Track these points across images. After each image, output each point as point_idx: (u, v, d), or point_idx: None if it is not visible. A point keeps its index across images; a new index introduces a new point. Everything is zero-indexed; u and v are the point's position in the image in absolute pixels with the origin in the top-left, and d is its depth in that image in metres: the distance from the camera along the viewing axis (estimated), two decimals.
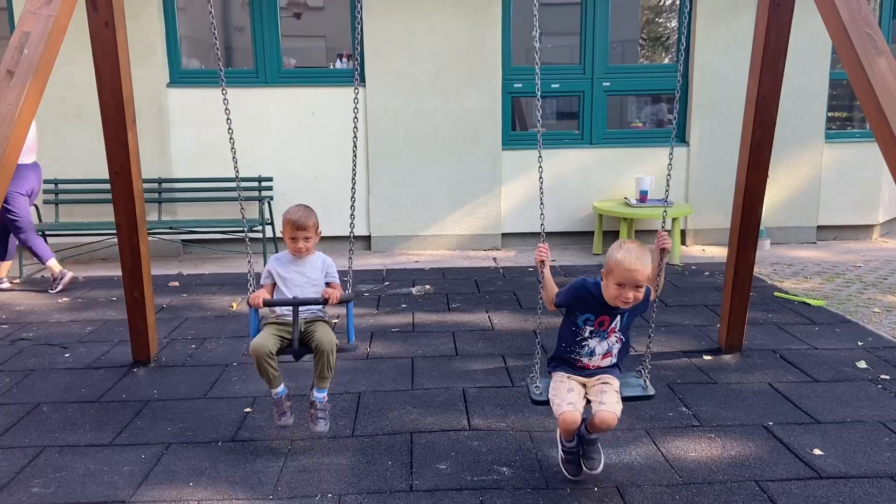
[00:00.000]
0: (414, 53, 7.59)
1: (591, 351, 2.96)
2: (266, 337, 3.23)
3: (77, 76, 6.97)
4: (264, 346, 3.19)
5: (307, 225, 3.39)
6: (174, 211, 7.69)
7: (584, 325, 2.93)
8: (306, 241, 3.39)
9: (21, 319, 5.50)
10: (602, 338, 2.94)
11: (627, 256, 2.75)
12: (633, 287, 2.76)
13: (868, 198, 8.20)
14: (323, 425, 3.37)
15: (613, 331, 2.95)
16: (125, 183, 4.13)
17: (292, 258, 3.45)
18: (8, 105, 2.67)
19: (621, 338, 2.98)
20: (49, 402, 3.96)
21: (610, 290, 2.82)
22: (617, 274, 2.77)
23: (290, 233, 3.39)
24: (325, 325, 3.37)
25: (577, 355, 2.97)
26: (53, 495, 3.01)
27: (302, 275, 3.41)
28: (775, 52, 3.86)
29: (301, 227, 3.37)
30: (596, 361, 2.97)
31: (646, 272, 2.76)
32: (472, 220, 7.94)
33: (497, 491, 3.00)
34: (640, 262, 2.74)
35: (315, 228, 3.44)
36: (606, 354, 2.97)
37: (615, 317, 2.92)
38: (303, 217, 3.39)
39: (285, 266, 3.44)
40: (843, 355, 4.53)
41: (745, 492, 2.97)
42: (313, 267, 3.45)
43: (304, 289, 3.38)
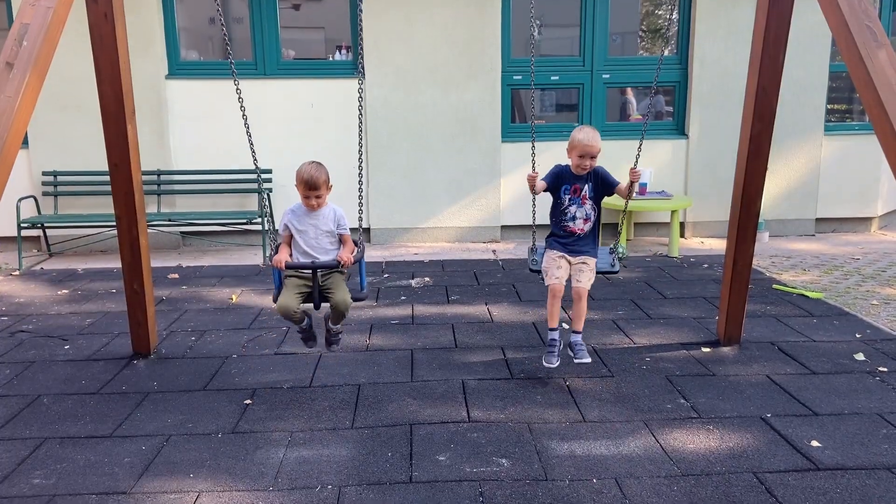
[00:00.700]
0: (413, 45, 7.58)
1: (573, 216, 3.97)
2: (290, 297, 3.64)
3: (76, 68, 6.95)
4: (290, 308, 3.63)
5: (318, 184, 3.65)
6: (173, 203, 7.68)
7: (564, 194, 3.97)
8: (318, 198, 3.68)
9: (20, 311, 5.50)
10: (578, 204, 3.96)
11: (585, 135, 3.86)
12: (590, 157, 3.87)
13: (867, 190, 8.21)
14: (336, 346, 4.02)
15: (586, 198, 3.96)
16: (125, 175, 4.12)
17: (306, 210, 3.74)
18: (7, 97, 2.67)
19: (594, 207, 3.98)
20: (49, 394, 3.97)
21: (573, 160, 3.93)
22: (578, 148, 3.88)
23: (303, 191, 3.67)
24: (340, 279, 3.76)
25: (564, 222, 4.00)
26: (55, 486, 3.03)
27: (316, 227, 3.74)
28: (775, 45, 3.86)
29: (313, 186, 3.64)
30: (580, 224, 3.98)
31: (598, 146, 3.85)
32: (471, 213, 7.94)
33: (496, 482, 3.02)
34: (594, 139, 3.84)
35: (326, 184, 3.71)
36: (586, 219, 3.98)
37: (584, 185, 3.96)
38: (314, 176, 3.64)
39: (300, 219, 3.75)
40: (841, 347, 4.55)
41: (742, 483, 2.99)
42: (326, 219, 3.76)
43: (318, 239, 3.74)
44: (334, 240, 3.80)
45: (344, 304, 3.67)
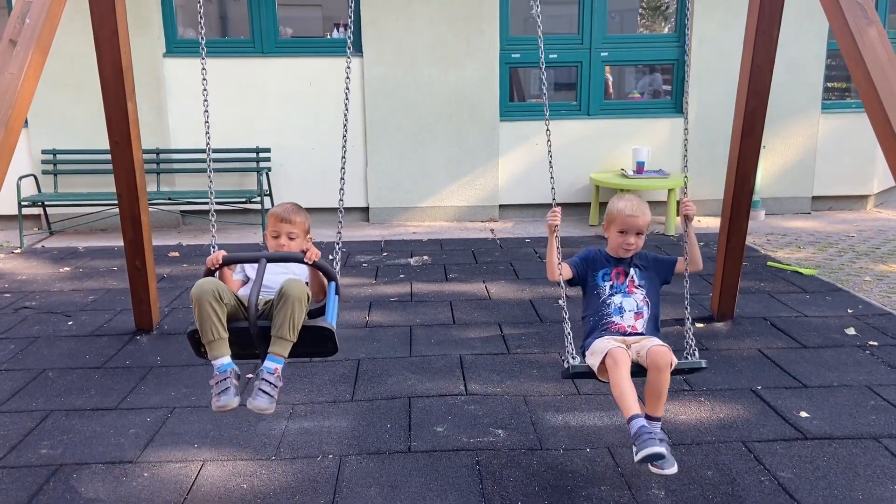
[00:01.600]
0: (411, 22, 7.57)
1: (619, 308, 2.91)
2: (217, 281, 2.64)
3: (74, 46, 6.95)
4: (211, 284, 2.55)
5: (293, 219, 2.90)
6: (172, 182, 7.72)
7: (603, 281, 2.98)
8: (290, 238, 2.91)
9: (23, 288, 5.57)
10: (624, 293, 2.94)
11: (628, 204, 2.95)
12: (634, 233, 2.94)
13: (863, 168, 8.25)
14: (263, 400, 2.54)
15: (633, 284, 2.96)
16: (125, 153, 4.16)
17: None
18: (11, 74, 2.71)
19: (646, 299, 2.95)
20: (54, 368, 4.04)
21: (613, 239, 2.99)
22: (618, 222, 2.95)
23: (272, 226, 2.93)
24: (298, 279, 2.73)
25: (608, 317, 2.91)
26: (62, 456, 3.11)
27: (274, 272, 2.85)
28: (770, 22, 3.89)
29: (286, 219, 2.90)
30: (629, 321, 2.90)
31: (645, 219, 2.94)
32: (469, 192, 7.98)
33: (492, 451, 3.10)
34: (639, 210, 2.94)
35: (303, 228, 2.96)
36: (638, 315, 2.92)
37: (629, 268, 2.98)
38: (290, 210, 2.92)
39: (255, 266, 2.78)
40: (833, 322, 4.63)
41: (731, 452, 3.08)
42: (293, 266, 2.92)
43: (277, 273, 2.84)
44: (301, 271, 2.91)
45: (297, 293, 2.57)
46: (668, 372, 2.66)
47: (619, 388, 2.63)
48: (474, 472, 2.95)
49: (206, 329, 2.55)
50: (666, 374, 2.66)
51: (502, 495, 2.78)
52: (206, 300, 2.51)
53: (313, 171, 7.69)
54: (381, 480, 2.90)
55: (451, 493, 2.80)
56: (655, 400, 2.71)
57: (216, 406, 2.55)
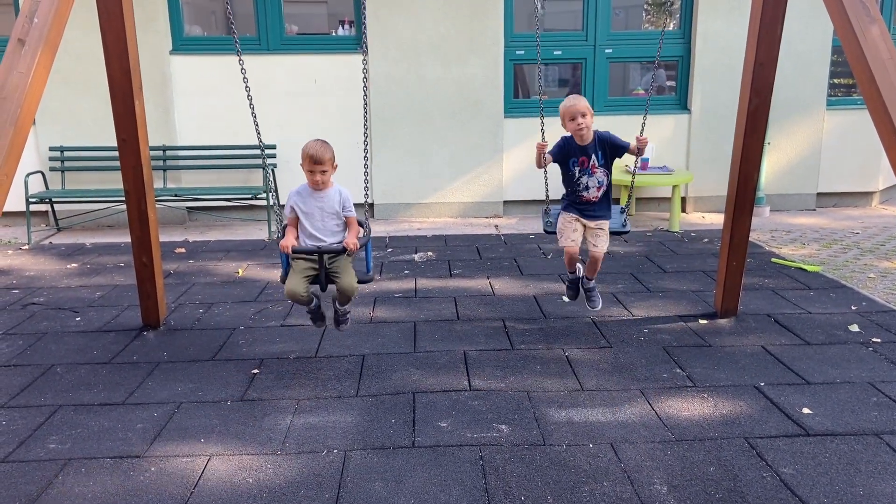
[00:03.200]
0: (416, 19, 7.59)
1: (586, 185, 4.04)
2: (297, 282, 3.65)
3: (81, 44, 6.99)
4: (297, 292, 3.65)
5: (324, 159, 3.60)
6: (179, 178, 7.76)
7: (573, 167, 4.03)
8: (323, 174, 3.63)
9: (31, 284, 5.61)
10: (589, 174, 4.03)
11: (566, 100, 3.98)
12: (580, 115, 3.91)
13: (868, 165, 8.24)
14: (345, 327, 4.06)
15: (595, 167, 4.02)
16: (133, 150, 4.20)
17: (311, 191, 3.69)
18: (20, 73, 2.74)
19: (606, 172, 4.05)
20: (62, 364, 4.08)
21: (568, 127, 3.97)
22: (566, 113, 3.95)
23: (308, 166, 3.63)
24: (347, 262, 3.74)
25: (577, 192, 4.07)
26: (70, 450, 3.14)
27: (321, 210, 3.69)
28: (773, 19, 3.89)
29: (318, 160, 3.59)
30: (593, 193, 4.06)
31: (581, 103, 3.91)
32: (473, 188, 8.00)
33: (496, 447, 3.13)
34: (575, 99, 3.94)
35: (332, 162, 3.66)
36: (599, 187, 4.05)
37: (591, 155, 4.01)
38: (320, 151, 3.60)
39: (305, 200, 3.70)
40: (837, 319, 4.63)
41: (734, 448, 3.09)
42: (331, 200, 3.71)
43: (324, 221, 3.70)
44: (340, 221, 3.75)
45: (350, 288, 3.70)
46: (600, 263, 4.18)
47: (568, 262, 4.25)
48: (478, 467, 2.98)
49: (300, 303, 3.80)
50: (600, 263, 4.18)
51: (506, 490, 2.81)
52: (297, 298, 3.70)
53: None
54: (386, 475, 2.93)
55: (454, 488, 2.82)
56: (592, 272, 4.26)
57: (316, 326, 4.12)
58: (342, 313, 3.97)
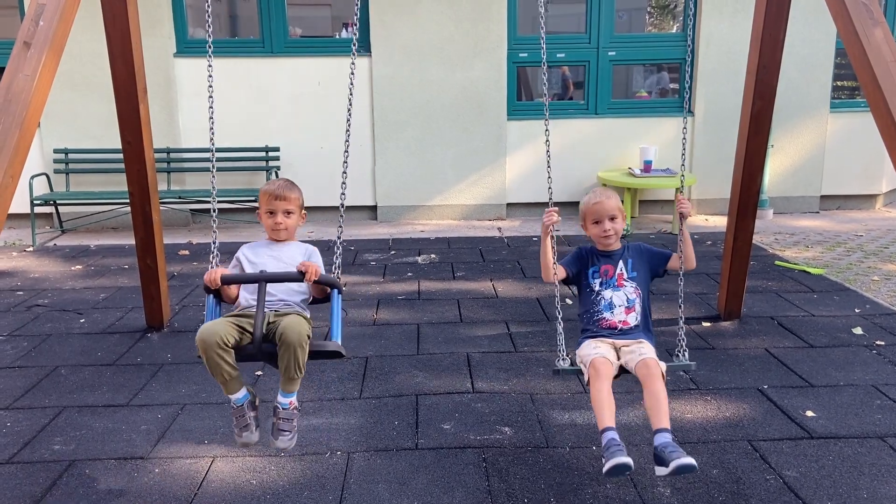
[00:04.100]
0: (419, 22, 7.60)
1: (609, 303, 2.92)
2: (219, 323, 2.58)
3: (86, 47, 7.01)
4: (215, 334, 2.49)
5: (287, 195, 2.81)
6: (182, 181, 7.77)
7: (593, 278, 2.99)
8: (287, 215, 2.83)
9: (36, 286, 5.63)
10: (614, 287, 2.94)
11: (592, 195, 3.04)
12: (608, 218, 2.98)
13: (872, 167, 8.23)
14: (285, 440, 2.68)
15: (622, 278, 2.96)
16: (137, 152, 4.21)
17: (268, 242, 2.90)
18: (25, 76, 2.75)
19: (638, 290, 2.95)
20: (66, 365, 4.10)
21: (592, 232, 3.04)
22: (589, 213, 3.02)
23: (266, 205, 2.82)
24: (298, 316, 2.68)
25: (598, 314, 2.93)
26: (74, 452, 3.15)
27: (278, 259, 2.82)
28: (776, 22, 3.89)
29: (280, 196, 2.80)
30: (620, 315, 2.90)
31: (612, 202, 2.98)
32: (477, 190, 8.00)
33: (499, 449, 3.13)
34: (603, 195, 3.01)
35: (298, 204, 2.86)
36: (629, 309, 2.91)
37: (616, 264, 2.99)
38: (283, 186, 2.83)
39: (257, 250, 2.87)
40: (840, 322, 4.63)
41: (737, 450, 3.09)
42: (293, 252, 2.85)
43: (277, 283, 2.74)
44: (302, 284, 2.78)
45: (297, 335, 2.50)
46: (661, 382, 2.65)
47: (597, 400, 2.66)
48: (481, 469, 2.98)
49: (217, 374, 2.58)
50: (659, 384, 2.64)
51: (509, 492, 2.81)
52: (213, 350, 2.51)
53: (322, 169, 7.73)
54: (389, 477, 2.93)
55: (457, 490, 2.83)
56: (656, 412, 2.60)
57: (240, 443, 2.70)
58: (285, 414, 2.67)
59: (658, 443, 2.54)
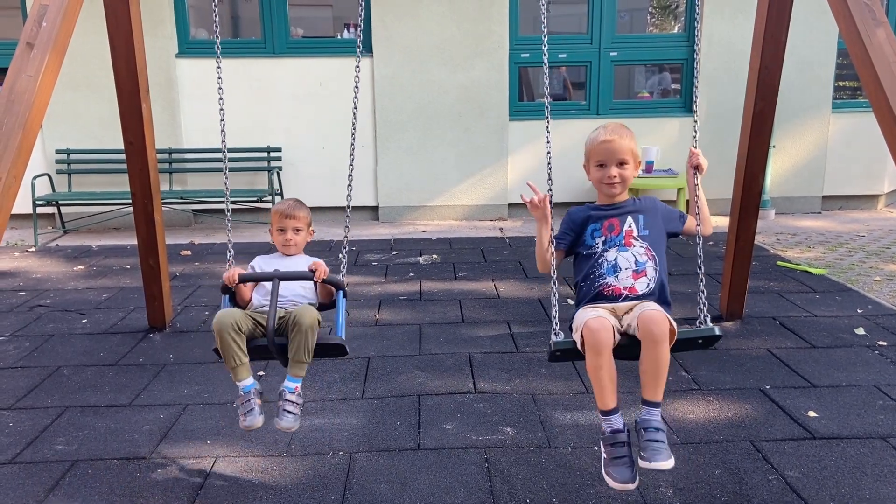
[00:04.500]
0: (421, 22, 7.61)
1: (614, 265, 2.39)
2: (236, 311, 2.79)
3: (88, 47, 7.02)
4: (231, 317, 2.71)
5: (297, 214, 3.05)
6: (184, 181, 7.79)
7: (593, 237, 2.46)
8: (296, 232, 3.06)
9: (38, 286, 5.64)
10: (619, 246, 2.42)
11: (602, 131, 2.50)
12: (616, 163, 2.45)
13: (874, 168, 8.23)
14: (289, 420, 2.78)
15: (631, 236, 2.43)
16: (140, 153, 4.21)
17: (279, 255, 3.12)
18: (29, 77, 2.76)
19: (650, 251, 2.42)
20: (69, 366, 4.10)
21: (593, 175, 2.52)
22: (594, 152, 2.48)
23: (278, 223, 3.06)
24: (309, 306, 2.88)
25: (599, 279, 2.41)
26: (77, 452, 3.16)
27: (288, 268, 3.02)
28: (778, 22, 3.89)
29: (290, 215, 3.03)
30: (626, 280, 2.37)
31: (624, 143, 2.45)
32: (479, 191, 8.01)
33: (501, 449, 3.13)
34: (615, 133, 2.46)
35: (306, 222, 3.10)
36: (638, 273, 2.38)
37: (624, 217, 2.45)
38: (293, 205, 3.07)
39: (269, 260, 3.11)
40: (842, 322, 4.62)
41: (740, 451, 3.09)
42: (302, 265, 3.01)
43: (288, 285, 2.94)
44: (309, 287, 3.00)
45: (309, 320, 2.71)
46: (665, 345, 2.14)
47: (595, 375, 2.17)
48: (483, 469, 2.98)
49: (228, 357, 2.73)
50: (663, 347, 2.14)
51: (511, 493, 2.81)
52: (227, 333, 2.69)
53: (324, 170, 7.74)
54: (391, 477, 2.93)
55: (459, 491, 2.83)
56: (652, 380, 2.21)
57: (243, 425, 2.77)
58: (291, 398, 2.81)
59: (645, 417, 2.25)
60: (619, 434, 2.24)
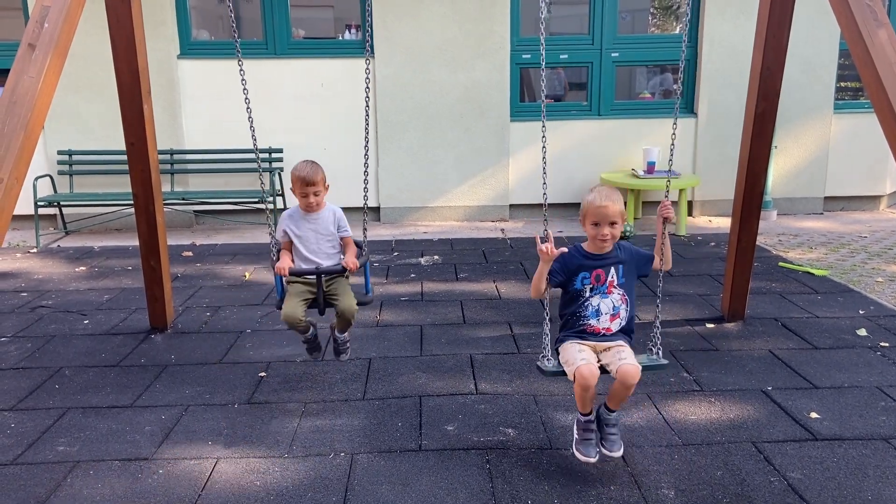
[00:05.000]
0: (422, 23, 7.60)
1: (597, 310, 2.95)
2: (294, 305, 3.46)
3: (89, 48, 7.02)
4: (295, 315, 3.45)
5: (316, 180, 3.51)
6: (186, 182, 7.79)
7: (583, 284, 2.97)
8: (316, 195, 3.53)
9: (40, 287, 5.64)
10: (603, 294, 2.96)
11: (597, 196, 2.93)
12: (608, 224, 2.91)
13: (876, 168, 8.22)
14: (345, 355, 3.86)
15: (613, 285, 2.97)
16: (141, 154, 4.22)
17: (304, 214, 3.59)
18: (30, 78, 2.76)
19: (625, 297, 2.98)
20: (70, 366, 4.10)
21: (588, 231, 2.97)
22: (591, 213, 2.94)
23: (300, 189, 3.52)
24: (345, 284, 3.58)
25: (583, 319, 2.96)
26: (78, 453, 3.16)
27: (315, 231, 3.58)
28: (779, 24, 3.89)
29: (310, 182, 3.50)
30: (605, 322, 2.96)
31: (616, 208, 2.91)
32: (480, 192, 8.00)
33: (502, 451, 3.13)
34: (609, 199, 2.91)
35: (323, 182, 3.57)
36: (614, 316, 2.96)
37: (609, 269, 2.97)
38: (311, 172, 3.51)
39: (298, 223, 3.58)
40: (844, 323, 4.62)
41: (742, 452, 3.09)
42: (325, 222, 3.60)
43: (319, 244, 3.57)
44: (335, 243, 3.63)
45: (350, 310, 3.50)
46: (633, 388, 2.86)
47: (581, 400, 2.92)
48: (484, 470, 2.98)
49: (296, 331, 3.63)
50: (632, 389, 2.87)
51: (512, 494, 2.81)
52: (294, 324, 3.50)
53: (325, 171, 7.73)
54: (393, 478, 2.93)
55: (461, 492, 2.83)
56: (617, 400, 2.96)
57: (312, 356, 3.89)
58: (342, 342, 3.80)
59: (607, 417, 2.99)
60: (591, 423, 2.97)
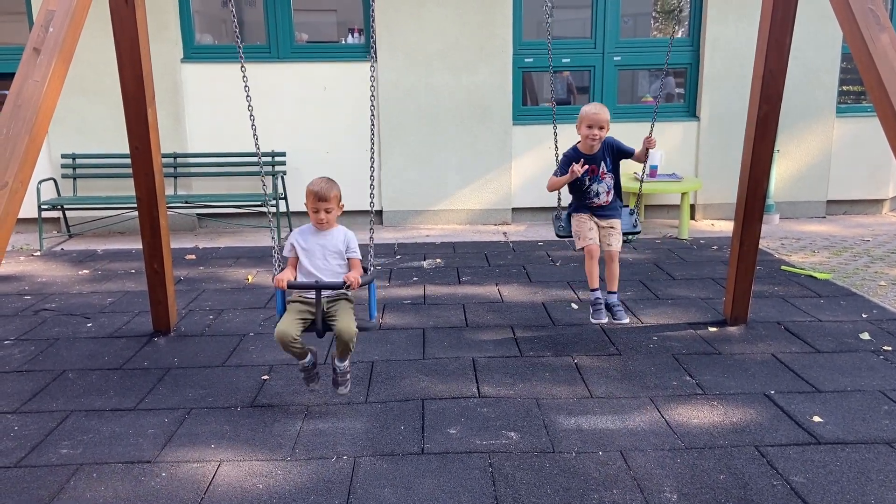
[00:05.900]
0: (424, 27, 7.62)
1: (596, 192, 4.22)
2: (289, 323, 3.34)
3: (94, 52, 7.05)
4: (288, 334, 3.31)
5: (329, 196, 3.42)
6: (189, 185, 7.81)
7: (584, 176, 4.15)
8: (328, 212, 3.44)
9: (43, 291, 5.65)
10: (598, 181, 4.21)
11: (592, 106, 4.12)
12: (598, 127, 4.08)
13: (878, 172, 8.21)
14: (344, 389, 3.64)
15: (604, 173, 4.20)
16: (145, 157, 4.23)
17: (314, 230, 3.50)
18: (35, 82, 2.77)
19: (612, 176, 4.24)
20: (74, 370, 4.11)
21: (582, 131, 4.14)
22: (586, 119, 4.10)
23: (312, 204, 3.44)
24: (347, 307, 3.46)
25: (587, 200, 4.25)
26: (81, 456, 3.16)
27: (323, 247, 3.47)
28: (782, 28, 3.89)
29: (322, 198, 3.41)
30: (603, 198, 4.24)
31: (605, 116, 4.07)
32: (482, 195, 8.01)
33: (505, 454, 3.13)
34: (601, 109, 4.10)
35: (337, 200, 3.48)
36: (609, 191, 4.24)
37: (599, 163, 4.19)
38: (325, 189, 3.42)
39: (307, 238, 3.50)
40: (847, 327, 4.61)
41: (744, 456, 3.08)
42: (335, 239, 3.50)
43: (325, 259, 3.46)
44: (343, 262, 3.52)
45: (348, 333, 3.33)
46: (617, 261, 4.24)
47: (590, 271, 4.18)
48: (487, 474, 2.98)
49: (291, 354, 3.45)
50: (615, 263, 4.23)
51: (515, 497, 2.81)
52: (287, 344, 3.35)
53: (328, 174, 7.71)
54: (395, 482, 2.93)
55: (463, 495, 2.83)
56: (611, 281, 4.24)
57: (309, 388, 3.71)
58: (341, 372, 3.56)
59: (610, 301, 4.22)
60: (599, 300, 4.20)
